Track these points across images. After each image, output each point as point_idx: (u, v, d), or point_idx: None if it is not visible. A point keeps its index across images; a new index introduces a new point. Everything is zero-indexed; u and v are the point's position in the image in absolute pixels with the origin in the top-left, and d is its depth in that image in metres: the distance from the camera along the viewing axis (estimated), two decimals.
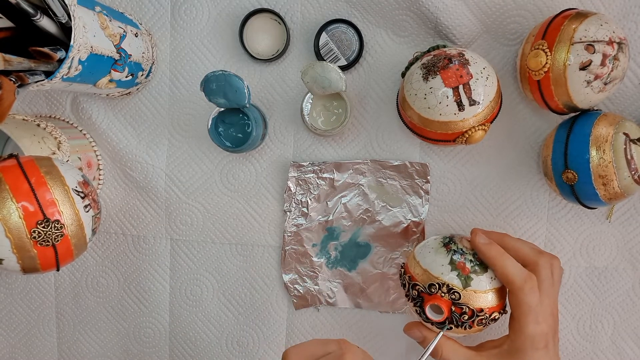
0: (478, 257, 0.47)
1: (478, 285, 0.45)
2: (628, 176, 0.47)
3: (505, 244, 0.48)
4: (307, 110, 0.56)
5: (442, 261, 0.46)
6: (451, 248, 0.47)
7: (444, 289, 0.45)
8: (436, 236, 0.51)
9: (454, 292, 0.45)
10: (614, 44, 0.46)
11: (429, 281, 0.46)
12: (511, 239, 0.49)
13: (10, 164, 0.45)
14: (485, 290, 0.45)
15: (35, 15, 0.45)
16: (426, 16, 0.54)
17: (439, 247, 0.48)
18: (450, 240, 0.49)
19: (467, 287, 0.45)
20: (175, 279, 0.63)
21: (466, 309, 0.45)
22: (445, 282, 0.45)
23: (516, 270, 0.45)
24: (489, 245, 0.46)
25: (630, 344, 0.59)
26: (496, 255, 0.46)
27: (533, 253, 0.47)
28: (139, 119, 0.61)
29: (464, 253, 0.47)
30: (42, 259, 0.45)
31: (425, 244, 0.50)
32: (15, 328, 0.67)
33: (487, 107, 0.47)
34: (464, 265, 0.46)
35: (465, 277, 0.45)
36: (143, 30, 0.58)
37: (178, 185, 0.62)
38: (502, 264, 0.45)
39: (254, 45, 0.58)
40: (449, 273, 0.46)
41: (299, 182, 0.59)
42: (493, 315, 0.46)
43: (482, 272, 0.46)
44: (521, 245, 0.48)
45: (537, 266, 0.46)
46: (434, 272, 0.46)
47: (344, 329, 0.62)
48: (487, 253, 0.46)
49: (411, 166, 0.58)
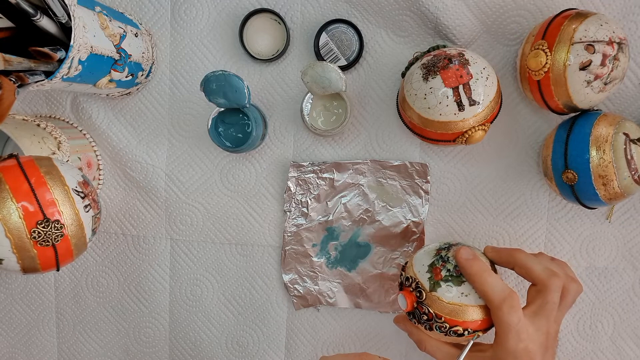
0: (458, 270, 0.46)
1: (443, 294, 0.45)
2: (628, 176, 0.47)
3: (515, 261, 0.47)
4: (307, 110, 0.56)
5: (425, 261, 0.48)
6: (440, 253, 0.48)
7: (413, 285, 0.47)
8: (446, 241, 0.51)
9: (419, 290, 0.46)
10: (614, 44, 0.46)
11: (408, 274, 0.48)
12: (524, 255, 0.47)
13: (10, 164, 0.45)
14: (448, 301, 0.45)
15: (35, 15, 0.45)
16: (426, 16, 0.54)
17: (433, 249, 0.49)
18: (448, 247, 0.48)
19: (433, 291, 0.45)
20: (175, 279, 0.63)
21: (427, 311, 0.46)
22: (417, 280, 0.47)
23: (495, 288, 0.44)
24: (471, 261, 0.45)
25: (630, 344, 0.59)
26: (476, 272, 0.44)
27: (545, 274, 0.45)
28: (139, 119, 0.61)
29: (447, 261, 0.47)
30: (42, 259, 0.45)
31: (428, 244, 0.52)
32: (15, 328, 0.67)
33: (487, 107, 0.47)
34: (439, 271, 0.46)
35: (435, 281, 0.46)
36: (143, 30, 0.58)
37: (178, 185, 0.62)
38: (481, 281, 0.44)
39: (254, 45, 0.58)
40: (424, 273, 0.47)
41: (299, 182, 0.59)
42: (455, 328, 0.45)
43: (455, 284, 0.45)
44: (534, 264, 0.46)
45: (546, 288, 0.44)
46: (415, 268, 0.48)
47: (344, 329, 0.62)
48: (467, 269, 0.45)
49: (411, 166, 0.58)
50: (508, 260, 0.47)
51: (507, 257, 0.48)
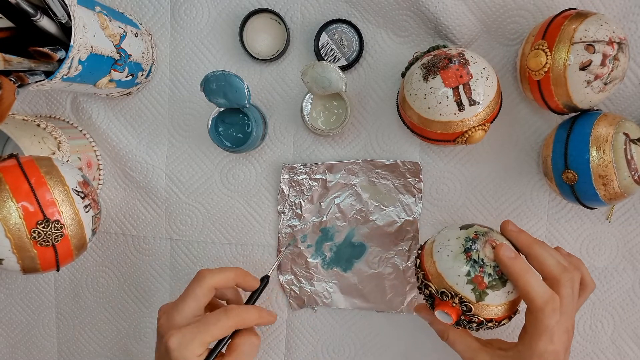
0: (499, 271, 0.44)
1: (492, 300, 0.43)
2: (628, 176, 0.47)
3: (531, 253, 0.45)
4: (307, 110, 0.56)
5: (458, 270, 0.44)
6: (471, 257, 0.44)
7: (456, 300, 0.43)
8: (459, 232, 0.47)
9: (465, 304, 0.43)
10: (614, 44, 0.46)
11: (443, 287, 0.44)
12: (539, 247, 0.46)
13: (10, 164, 0.45)
14: (499, 304, 0.44)
15: (35, 15, 0.45)
16: (426, 16, 0.54)
17: (459, 252, 0.45)
18: (472, 245, 0.45)
19: (481, 301, 0.43)
20: (175, 279, 0.63)
21: (475, 319, 0.44)
22: (459, 294, 0.43)
23: (539, 290, 0.42)
24: (514, 260, 0.43)
25: (630, 344, 0.59)
26: (520, 272, 0.43)
27: (558, 269, 0.44)
28: (139, 119, 0.61)
29: (484, 265, 0.44)
30: (42, 259, 0.45)
31: (445, 243, 0.46)
32: (15, 328, 0.67)
33: (487, 107, 0.47)
34: (481, 280, 0.43)
35: (480, 292, 0.43)
36: (143, 30, 0.58)
37: (178, 185, 0.62)
38: (525, 282, 0.42)
39: (254, 45, 0.58)
40: (464, 285, 0.43)
41: (292, 183, 0.59)
42: (502, 322, 0.45)
43: (499, 287, 0.44)
44: (548, 257, 0.45)
45: (558, 283, 0.44)
46: (448, 279, 0.44)
47: (343, 329, 0.62)
48: (509, 268, 0.43)
49: (403, 165, 0.58)
50: (523, 246, 0.46)
51: (524, 244, 0.46)
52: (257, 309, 0.49)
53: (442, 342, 0.50)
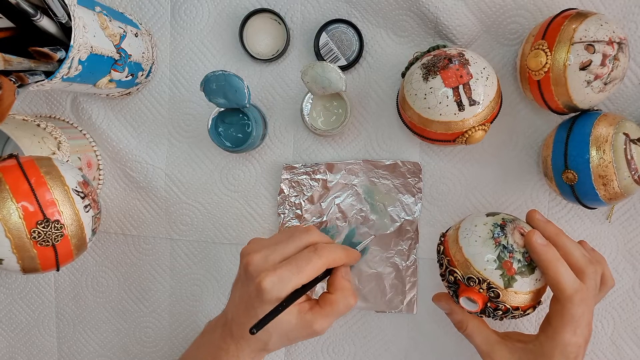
0: (528, 257, 0.44)
1: (521, 287, 0.43)
2: (628, 176, 0.47)
3: (559, 243, 0.45)
4: (307, 110, 0.56)
5: (487, 256, 0.43)
6: (500, 242, 0.43)
7: (483, 286, 0.43)
8: (486, 219, 0.46)
9: (493, 290, 0.43)
10: (614, 44, 0.46)
11: (469, 273, 0.44)
12: (566, 238, 0.45)
13: (10, 164, 0.45)
14: (526, 292, 0.43)
15: (35, 15, 0.45)
16: (426, 16, 0.54)
17: (487, 237, 0.44)
18: (501, 230, 0.44)
19: (509, 287, 0.43)
20: (176, 279, 0.63)
21: (502, 307, 0.43)
22: (487, 279, 0.43)
23: (570, 279, 0.42)
24: (546, 247, 0.43)
25: (630, 344, 0.59)
26: (551, 260, 0.42)
27: (583, 261, 0.44)
28: (139, 119, 0.61)
29: (513, 251, 0.43)
30: (42, 259, 0.45)
31: (472, 229, 0.46)
32: (15, 328, 0.67)
33: (487, 107, 0.47)
34: (510, 265, 0.43)
35: (509, 277, 0.43)
36: (143, 30, 0.58)
37: (178, 185, 0.62)
38: (556, 271, 0.42)
39: (254, 45, 0.58)
40: (492, 270, 0.43)
41: (292, 184, 0.59)
42: (527, 311, 0.45)
43: (528, 273, 0.43)
44: (574, 248, 0.45)
45: (584, 275, 0.43)
46: (476, 265, 0.43)
47: (344, 329, 0.62)
48: (542, 256, 0.43)
49: (403, 165, 0.58)
50: (550, 236, 0.45)
51: (551, 233, 0.45)
52: (344, 247, 0.47)
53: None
